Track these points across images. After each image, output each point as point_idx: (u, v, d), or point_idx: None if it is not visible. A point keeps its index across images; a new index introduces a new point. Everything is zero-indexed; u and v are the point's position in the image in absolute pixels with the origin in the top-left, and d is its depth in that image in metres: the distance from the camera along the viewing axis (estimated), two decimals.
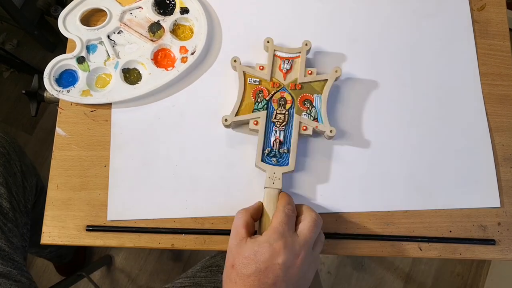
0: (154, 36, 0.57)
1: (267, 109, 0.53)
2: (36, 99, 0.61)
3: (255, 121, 0.52)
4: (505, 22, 0.60)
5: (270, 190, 0.49)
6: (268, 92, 0.54)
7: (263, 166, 0.51)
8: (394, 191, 0.54)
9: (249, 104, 0.53)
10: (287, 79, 0.54)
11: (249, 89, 0.54)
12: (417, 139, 0.55)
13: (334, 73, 0.53)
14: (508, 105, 0.57)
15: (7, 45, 1.42)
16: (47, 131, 1.35)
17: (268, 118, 0.52)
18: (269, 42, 0.55)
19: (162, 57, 0.57)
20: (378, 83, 0.57)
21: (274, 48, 0.55)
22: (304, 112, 0.53)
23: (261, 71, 0.54)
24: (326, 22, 0.59)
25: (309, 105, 0.53)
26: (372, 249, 0.52)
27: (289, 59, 0.55)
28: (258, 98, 0.53)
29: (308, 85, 0.54)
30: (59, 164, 0.54)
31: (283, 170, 0.50)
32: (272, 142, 0.52)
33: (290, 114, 0.53)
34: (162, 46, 0.57)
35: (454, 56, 0.58)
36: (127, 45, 0.57)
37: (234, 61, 0.54)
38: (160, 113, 0.56)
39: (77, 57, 0.56)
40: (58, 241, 0.52)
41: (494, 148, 0.55)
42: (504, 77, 0.58)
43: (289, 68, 0.54)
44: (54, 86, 0.55)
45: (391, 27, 0.59)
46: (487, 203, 0.53)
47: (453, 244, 0.52)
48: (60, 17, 0.57)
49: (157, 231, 0.52)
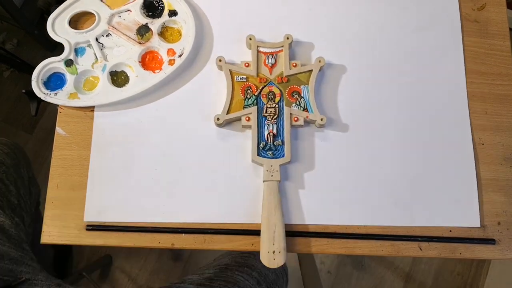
0: (142, 39, 0.57)
1: (257, 104, 0.54)
2: (36, 99, 0.61)
3: (246, 117, 0.53)
4: (505, 22, 0.60)
5: (269, 183, 0.50)
6: (256, 88, 0.55)
7: (259, 160, 0.52)
8: (373, 205, 0.53)
9: (239, 101, 0.54)
10: (273, 73, 0.55)
11: (237, 86, 0.55)
12: (400, 155, 0.55)
13: (318, 63, 0.55)
14: (508, 105, 0.57)
15: (7, 44, 1.41)
16: (47, 130, 1.34)
17: (259, 113, 0.54)
18: (251, 39, 0.56)
19: (150, 60, 0.57)
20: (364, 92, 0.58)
21: (257, 44, 0.56)
22: (293, 104, 0.54)
23: (247, 68, 0.55)
24: (305, 15, 0.60)
25: (298, 96, 0.55)
26: (372, 248, 0.52)
27: (273, 53, 0.56)
28: (247, 95, 0.54)
29: (294, 77, 0.55)
30: (59, 164, 0.54)
31: (280, 162, 0.52)
32: (266, 136, 0.53)
33: (280, 107, 0.54)
34: (150, 48, 0.57)
35: (442, 75, 0.58)
36: (115, 47, 0.57)
37: (219, 61, 0.55)
38: (144, 117, 0.56)
39: (65, 60, 0.56)
40: (58, 240, 0.52)
41: (478, 167, 0.55)
42: (504, 76, 0.58)
43: (274, 63, 0.56)
44: (41, 89, 0.55)
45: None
46: (466, 222, 0.53)
47: (453, 244, 0.52)
48: (49, 20, 0.57)
49: (157, 231, 0.52)
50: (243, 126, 0.54)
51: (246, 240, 0.51)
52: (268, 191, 0.50)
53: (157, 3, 0.59)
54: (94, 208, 0.52)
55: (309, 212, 0.52)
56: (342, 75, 0.57)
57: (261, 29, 0.58)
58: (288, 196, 0.53)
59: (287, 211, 0.52)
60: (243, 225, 0.52)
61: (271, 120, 0.54)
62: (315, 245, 0.52)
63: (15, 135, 1.35)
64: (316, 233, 0.52)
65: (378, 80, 0.58)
